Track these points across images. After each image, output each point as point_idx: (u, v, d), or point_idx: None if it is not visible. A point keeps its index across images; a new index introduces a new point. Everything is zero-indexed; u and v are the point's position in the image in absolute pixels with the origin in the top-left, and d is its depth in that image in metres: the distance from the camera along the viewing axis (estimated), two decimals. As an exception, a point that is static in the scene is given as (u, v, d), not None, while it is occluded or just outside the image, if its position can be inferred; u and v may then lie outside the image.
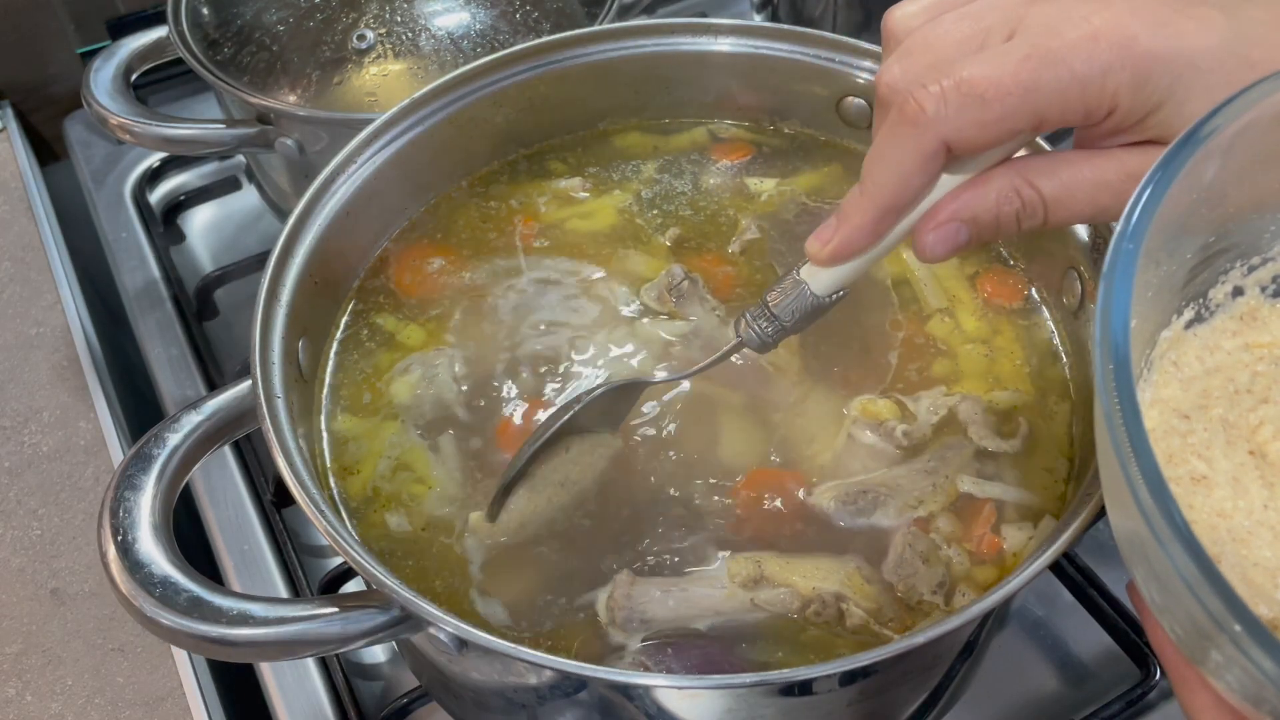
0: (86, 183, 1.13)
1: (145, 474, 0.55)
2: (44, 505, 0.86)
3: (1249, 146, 0.42)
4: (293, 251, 0.65)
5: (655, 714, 0.55)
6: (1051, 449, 0.63)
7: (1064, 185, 0.48)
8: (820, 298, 0.55)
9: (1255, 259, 0.49)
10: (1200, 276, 0.48)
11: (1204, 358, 0.47)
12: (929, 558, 0.59)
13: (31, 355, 0.97)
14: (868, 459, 0.63)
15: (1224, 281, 0.48)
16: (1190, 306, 0.48)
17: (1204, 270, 0.48)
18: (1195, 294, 0.48)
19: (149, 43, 0.94)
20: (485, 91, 0.75)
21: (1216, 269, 0.48)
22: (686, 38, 0.77)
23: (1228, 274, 0.48)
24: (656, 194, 0.78)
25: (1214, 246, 0.47)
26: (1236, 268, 0.48)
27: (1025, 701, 0.76)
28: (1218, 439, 0.44)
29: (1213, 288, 0.48)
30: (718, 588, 0.58)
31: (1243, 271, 0.49)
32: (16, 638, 0.79)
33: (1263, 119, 0.42)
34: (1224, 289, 0.49)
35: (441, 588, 0.59)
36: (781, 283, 0.56)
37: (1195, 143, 0.40)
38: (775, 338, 0.57)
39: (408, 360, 0.69)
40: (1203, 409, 0.45)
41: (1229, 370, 0.47)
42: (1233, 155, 0.42)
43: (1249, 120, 0.41)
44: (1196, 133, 0.40)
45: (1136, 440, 0.35)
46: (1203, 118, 0.40)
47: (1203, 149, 0.40)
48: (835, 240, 0.51)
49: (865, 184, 0.49)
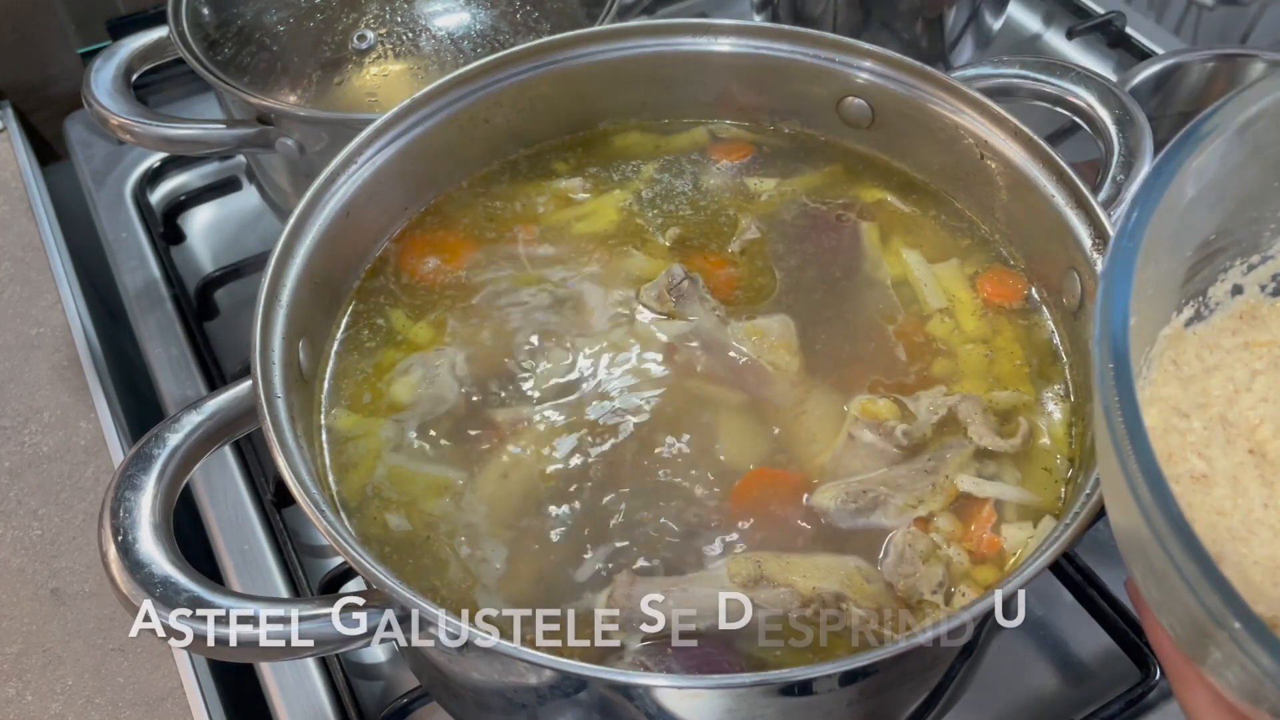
0: (87, 183, 1.13)
1: (145, 474, 0.55)
2: (44, 505, 0.86)
3: (1248, 144, 0.42)
4: (293, 251, 0.65)
5: (655, 714, 0.55)
6: (1051, 449, 0.63)
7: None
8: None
9: (1255, 257, 0.49)
10: (1200, 274, 0.48)
11: (1203, 356, 0.47)
12: (929, 557, 0.59)
13: (32, 355, 0.97)
14: (867, 458, 0.63)
15: (1224, 279, 0.48)
16: (1190, 304, 0.48)
17: (1204, 268, 0.48)
18: (1195, 292, 0.48)
19: (149, 43, 0.94)
20: (485, 91, 0.75)
21: (1216, 267, 0.48)
22: (686, 38, 0.77)
23: (1227, 272, 0.48)
24: (657, 194, 0.78)
25: (1214, 244, 0.47)
26: (1236, 265, 0.48)
27: (1025, 701, 0.76)
28: (1217, 437, 0.44)
29: (1212, 286, 0.48)
30: (717, 587, 0.58)
31: (1242, 269, 0.48)
32: (16, 638, 0.79)
33: (1262, 116, 0.42)
34: (1224, 287, 0.48)
35: (442, 587, 0.59)
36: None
37: (1195, 140, 0.40)
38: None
39: (409, 360, 0.69)
40: (1202, 407, 0.45)
41: (1228, 369, 0.47)
42: (1232, 153, 0.42)
43: (1248, 117, 0.41)
44: (1196, 130, 0.40)
45: (1136, 437, 0.35)
46: (1202, 115, 0.40)
47: (1202, 146, 0.40)
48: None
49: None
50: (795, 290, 0.72)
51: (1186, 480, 0.43)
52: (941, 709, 0.68)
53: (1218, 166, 0.42)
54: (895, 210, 0.76)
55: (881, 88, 0.73)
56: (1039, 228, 0.68)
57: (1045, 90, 0.74)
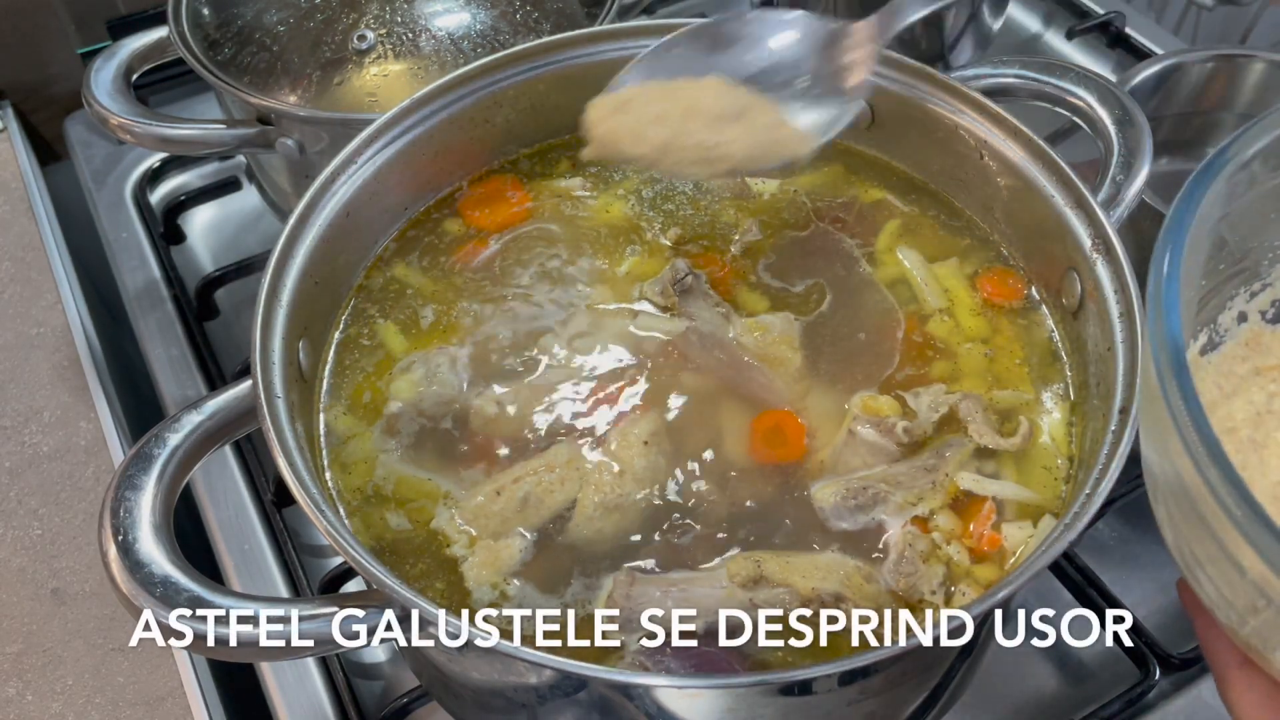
0: (87, 183, 1.13)
1: (146, 474, 0.55)
2: (44, 505, 0.86)
3: (1257, 171, 0.43)
4: (293, 251, 0.65)
5: (655, 714, 0.55)
6: (1051, 448, 0.63)
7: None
8: None
9: (1256, 285, 0.49)
10: (1211, 302, 0.48)
11: (1221, 384, 0.48)
12: (929, 557, 0.59)
13: (32, 355, 0.97)
14: (868, 455, 0.63)
15: (1230, 307, 0.49)
16: (1204, 331, 0.48)
17: (1214, 296, 0.48)
18: (1207, 320, 0.49)
19: (149, 43, 0.94)
20: (485, 92, 0.75)
21: (1224, 295, 0.49)
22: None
23: (1233, 300, 0.49)
24: (657, 193, 0.78)
25: (1223, 273, 0.48)
26: (1241, 293, 0.49)
27: (1025, 701, 0.76)
28: (1251, 459, 0.45)
29: (1221, 313, 0.49)
30: (717, 587, 0.58)
31: (1245, 297, 0.49)
32: (17, 638, 0.79)
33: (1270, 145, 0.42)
34: (1231, 314, 0.49)
35: (442, 587, 0.59)
36: None
37: (1224, 161, 0.41)
38: None
39: (410, 358, 0.69)
40: (1230, 432, 0.45)
41: (1247, 393, 0.47)
42: (1242, 181, 0.43)
43: (1263, 146, 0.42)
44: (1224, 154, 0.41)
45: (1191, 404, 0.35)
46: (1225, 142, 0.41)
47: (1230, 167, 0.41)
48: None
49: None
50: (797, 288, 0.72)
51: None
52: (941, 709, 0.68)
53: (1238, 190, 0.43)
54: (895, 210, 0.76)
55: (881, 88, 0.73)
56: (1039, 228, 0.68)
57: (1045, 90, 0.74)
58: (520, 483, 0.62)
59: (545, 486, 0.62)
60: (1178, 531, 0.41)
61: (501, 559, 0.60)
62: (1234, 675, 0.43)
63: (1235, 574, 0.36)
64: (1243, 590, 0.37)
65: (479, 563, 0.59)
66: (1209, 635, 0.44)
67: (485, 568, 0.59)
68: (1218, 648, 0.43)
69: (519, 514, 0.61)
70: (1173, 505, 0.40)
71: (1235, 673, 0.42)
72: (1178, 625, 0.79)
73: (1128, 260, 0.61)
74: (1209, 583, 0.40)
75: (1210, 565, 0.39)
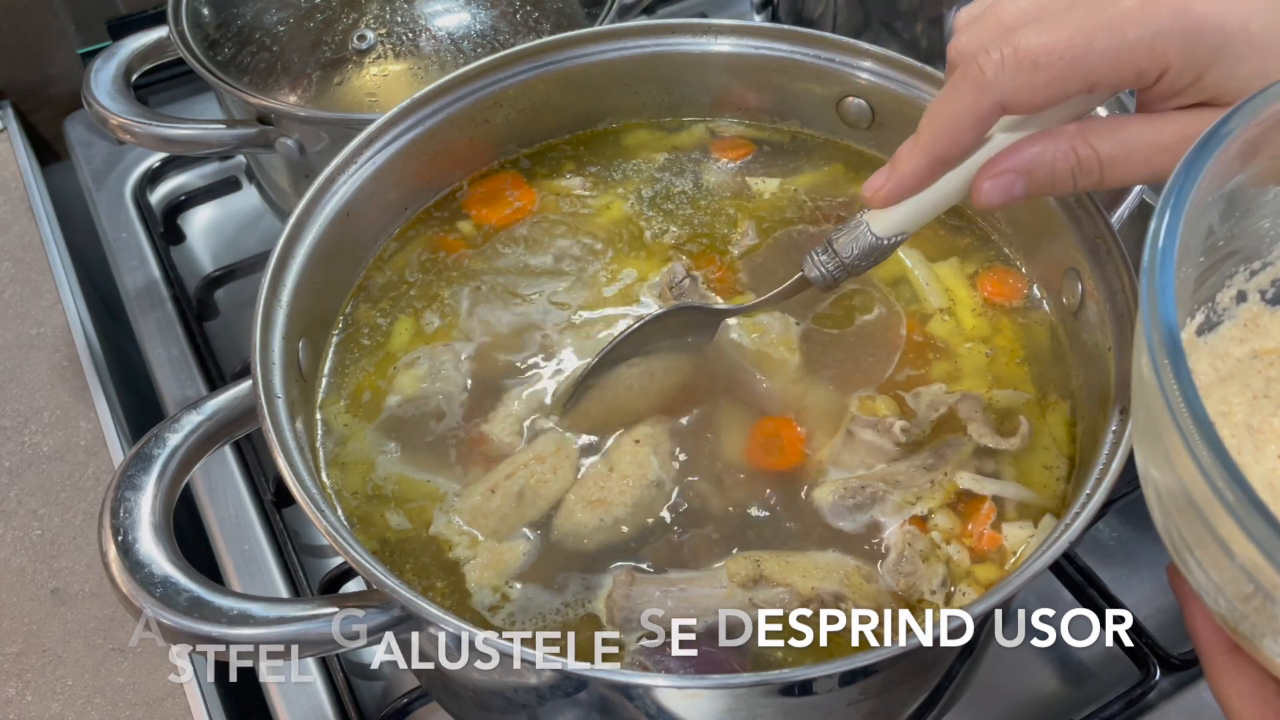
0: (87, 183, 1.13)
1: (145, 474, 0.55)
2: (44, 505, 0.86)
3: (1260, 146, 0.43)
4: (293, 251, 0.65)
5: (655, 714, 0.55)
6: (1051, 447, 0.63)
7: (1121, 145, 0.50)
8: (879, 238, 0.58)
9: (1256, 264, 0.49)
10: (1209, 280, 0.48)
11: (1217, 365, 0.47)
12: (929, 557, 0.59)
13: (32, 355, 0.97)
14: (866, 455, 0.63)
15: (1229, 286, 0.48)
16: (1201, 310, 0.48)
17: (1212, 274, 0.48)
18: (1205, 298, 0.48)
19: (149, 43, 0.94)
20: (485, 92, 0.75)
21: (1223, 273, 0.48)
22: (686, 38, 0.77)
23: (1232, 278, 0.48)
24: (658, 193, 0.78)
25: (1221, 250, 0.47)
26: (1240, 272, 0.48)
27: (1025, 701, 0.76)
28: (1246, 444, 0.44)
29: (1219, 292, 0.48)
30: (717, 587, 0.58)
31: (1245, 276, 0.49)
32: (16, 638, 0.79)
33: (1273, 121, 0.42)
34: (1229, 293, 0.48)
35: (442, 587, 0.59)
36: (846, 224, 0.59)
37: (1221, 137, 0.41)
38: (836, 274, 0.60)
39: (413, 354, 0.69)
40: (1225, 415, 0.45)
41: (1243, 377, 0.47)
42: (1243, 155, 0.42)
43: (1265, 117, 0.41)
44: (1221, 128, 0.41)
45: (1190, 397, 0.35)
46: (1222, 118, 0.41)
47: (1226, 144, 0.41)
48: (887, 185, 0.55)
49: (920, 135, 0.53)
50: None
51: None
52: (941, 709, 0.68)
53: (1238, 165, 0.42)
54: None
55: (881, 88, 0.73)
56: (1039, 227, 0.68)
57: (1045, 90, 0.74)
58: (513, 478, 0.62)
59: (538, 478, 0.62)
60: (1167, 514, 0.40)
61: (505, 561, 0.60)
62: (1222, 662, 0.42)
63: (1225, 559, 0.36)
64: (1232, 576, 0.37)
65: (481, 565, 0.59)
66: (1197, 622, 0.43)
67: (488, 569, 0.59)
68: (1206, 635, 0.43)
69: (517, 509, 0.61)
70: (1162, 487, 0.40)
71: (1223, 660, 0.42)
72: (1178, 625, 0.79)
73: (1128, 260, 0.61)
74: (1198, 567, 0.39)
75: (1200, 549, 0.38)
